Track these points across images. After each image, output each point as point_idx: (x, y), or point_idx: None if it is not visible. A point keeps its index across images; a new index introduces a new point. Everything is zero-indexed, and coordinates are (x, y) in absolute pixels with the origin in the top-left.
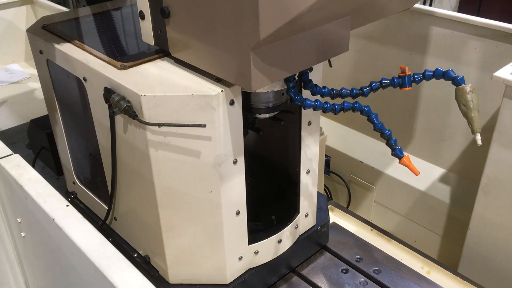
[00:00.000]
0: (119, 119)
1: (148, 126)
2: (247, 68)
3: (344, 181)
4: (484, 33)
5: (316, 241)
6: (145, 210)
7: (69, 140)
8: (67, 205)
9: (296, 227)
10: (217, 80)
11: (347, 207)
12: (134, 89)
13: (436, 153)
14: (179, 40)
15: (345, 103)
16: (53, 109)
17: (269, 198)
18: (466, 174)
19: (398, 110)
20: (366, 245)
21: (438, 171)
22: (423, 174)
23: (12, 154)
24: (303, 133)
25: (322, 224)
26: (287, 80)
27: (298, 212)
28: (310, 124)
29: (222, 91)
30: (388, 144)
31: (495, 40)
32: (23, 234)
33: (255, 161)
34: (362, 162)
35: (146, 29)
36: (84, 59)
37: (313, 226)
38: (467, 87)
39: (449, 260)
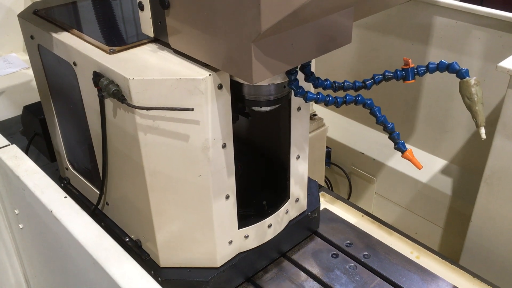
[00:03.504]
0: (109, 103)
1: (136, 109)
2: (248, 61)
3: (345, 173)
4: (488, 23)
5: (307, 226)
6: (135, 195)
7: (61, 125)
8: (65, 197)
9: (287, 212)
10: (206, 65)
11: (348, 198)
12: (123, 73)
13: (438, 144)
14: (179, 31)
15: (348, 96)
16: (45, 94)
17: (261, 184)
18: (468, 166)
19: (399, 101)
20: (357, 230)
21: (440, 162)
22: (425, 165)
23: (9, 145)
24: (292, 119)
25: (313, 210)
26: (288, 73)
27: (289, 198)
28: (300, 109)
29: (209, 75)
30: (391, 137)
31: (499, 30)
32: (21, 226)
33: (247, 148)
34: (363, 153)
35: (146, 20)
36: (74, 43)
37: (304, 212)
38: (472, 80)
39: (450, 252)
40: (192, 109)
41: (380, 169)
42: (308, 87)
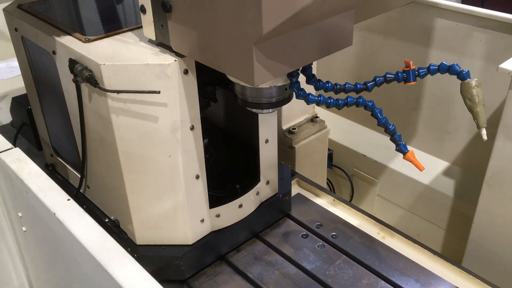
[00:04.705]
0: (85, 88)
1: (108, 93)
2: (250, 63)
3: (347, 175)
4: (489, 24)
5: (278, 208)
6: (112, 176)
7: (46, 114)
8: (68, 199)
9: (257, 194)
10: (174, 51)
11: (350, 200)
12: (95, 59)
13: (439, 146)
14: (181, 34)
15: (349, 98)
16: (30, 84)
17: (234, 167)
18: (470, 168)
19: (401, 103)
20: (328, 214)
21: (442, 164)
22: (427, 167)
23: (12, 148)
24: None
25: (284, 193)
26: (290, 75)
27: (259, 180)
28: None
29: (175, 60)
30: (392, 139)
31: (500, 32)
32: (24, 229)
33: (220, 133)
34: (365, 155)
35: (148, 23)
36: (53, 34)
37: (275, 194)
38: (473, 82)
39: (453, 254)
40: (159, 92)
41: (382, 171)
42: (310, 89)
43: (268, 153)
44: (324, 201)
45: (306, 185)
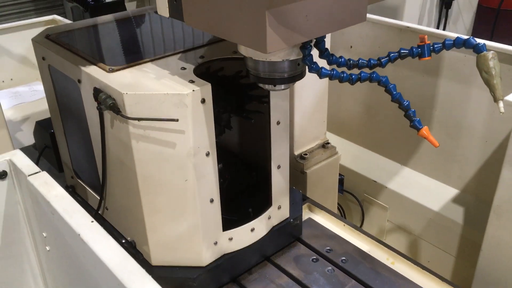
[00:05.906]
0: (107, 115)
1: (129, 120)
2: (263, 29)
3: (358, 200)
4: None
5: (290, 232)
6: (130, 198)
7: (68, 138)
8: (92, 221)
9: (269, 218)
10: (191, 81)
11: (361, 226)
12: (118, 88)
13: (449, 173)
14: (193, 8)
15: (362, 73)
16: (54, 110)
17: (247, 193)
18: (480, 195)
19: (410, 130)
20: (338, 238)
21: (452, 191)
22: (436, 194)
23: (39, 172)
24: (272, 132)
25: (295, 217)
26: (303, 48)
27: (271, 205)
28: (279, 123)
29: (193, 90)
30: (406, 115)
31: (508, 64)
32: (48, 248)
33: (235, 159)
34: (375, 181)
35: (161, 0)
36: (79, 63)
37: (287, 219)
38: (489, 54)
39: (462, 281)
40: (177, 120)
41: (392, 197)
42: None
43: (280, 178)
44: (334, 226)
45: (317, 210)
